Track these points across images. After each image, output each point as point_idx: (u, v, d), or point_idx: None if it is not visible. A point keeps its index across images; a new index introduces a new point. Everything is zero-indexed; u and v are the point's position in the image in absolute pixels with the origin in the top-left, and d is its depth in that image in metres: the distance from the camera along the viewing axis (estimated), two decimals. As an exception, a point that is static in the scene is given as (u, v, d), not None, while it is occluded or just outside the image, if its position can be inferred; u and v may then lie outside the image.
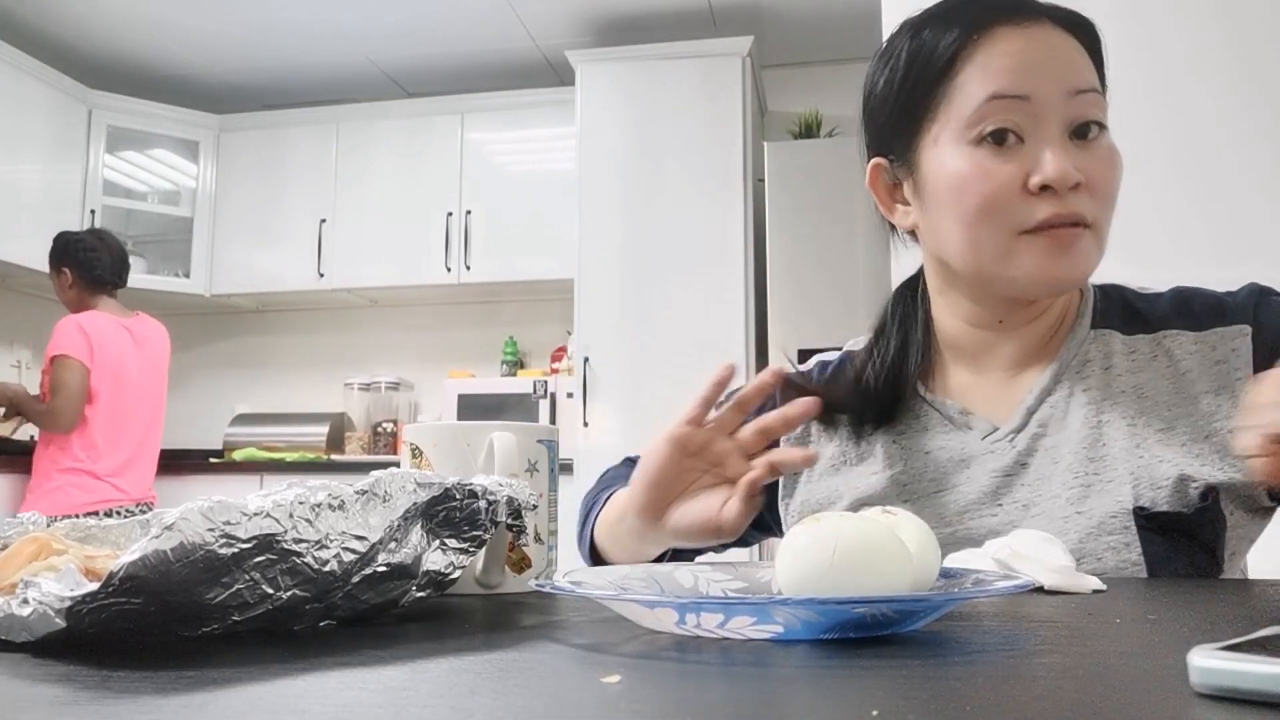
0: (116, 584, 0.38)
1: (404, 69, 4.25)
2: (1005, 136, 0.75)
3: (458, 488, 0.52)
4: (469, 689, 0.33)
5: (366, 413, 4.18)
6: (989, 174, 0.75)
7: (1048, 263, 0.75)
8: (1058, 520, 0.76)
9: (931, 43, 0.79)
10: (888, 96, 0.83)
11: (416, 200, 4.05)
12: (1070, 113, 0.75)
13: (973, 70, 0.77)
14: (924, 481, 0.83)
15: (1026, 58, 0.75)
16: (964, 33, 0.78)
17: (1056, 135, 0.75)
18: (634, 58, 3.64)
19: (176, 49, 4.05)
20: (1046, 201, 0.74)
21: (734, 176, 3.50)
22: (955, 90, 0.77)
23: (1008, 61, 0.75)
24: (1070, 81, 0.75)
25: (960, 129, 0.77)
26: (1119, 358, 0.81)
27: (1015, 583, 0.46)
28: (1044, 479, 0.79)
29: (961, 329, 0.86)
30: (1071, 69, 0.76)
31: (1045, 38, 0.77)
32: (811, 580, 0.44)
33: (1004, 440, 0.81)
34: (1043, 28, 0.77)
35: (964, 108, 0.76)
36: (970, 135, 0.76)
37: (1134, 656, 0.38)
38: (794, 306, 3.27)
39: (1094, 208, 0.75)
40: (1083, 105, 0.75)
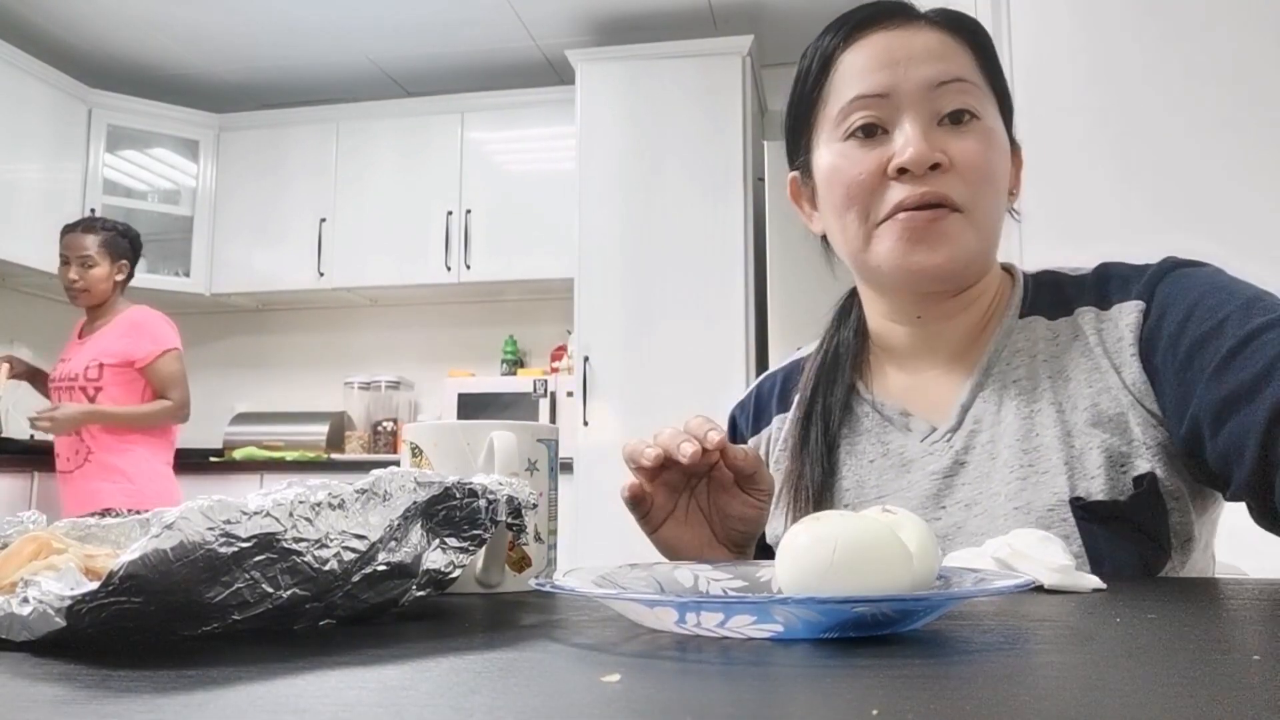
0: (116, 583, 0.38)
1: (404, 69, 4.25)
2: (873, 130, 0.78)
3: (458, 487, 0.52)
4: (469, 689, 0.33)
5: (366, 412, 4.19)
6: (853, 162, 0.78)
7: (903, 248, 0.77)
8: (999, 518, 0.76)
9: (812, 53, 0.84)
10: (788, 108, 0.87)
11: (416, 200, 4.05)
12: (935, 104, 0.77)
13: (841, 74, 0.81)
14: (867, 489, 0.84)
15: (889, 57, 0.78)
16: (835, 40, 0.82)
17: (920, 121, 0.76)
18: (634, 57, 3.64)
19: (176, 49, 4.05)
20: (905, 186, 0.76)
21: (734, 176, 3.50)
22: (830, 94, 0.81)
23: (870, 62, 0.79)
24: (932, 75, 0.77)
25: (832, 129, 0.80)
26: (1043, 343, 0.81)
27: (1015, 583, 0.45)
28: (984, 476, 0.78)
29: (885, 326, 0.87)
30: (935, 63, 0.78)
31: (911, 37, 0.79)
32: (811, 580, 0.44)
33: (941, 441, 0.81)
34: (912, 28, 0.80)
35: (834, 109, 0.80)
36: (839, 133, 0.80)
37: (1134, 656, 0.38)
38: (794, 306, 3.27)
39: (963, 189, 0.76)
40: (948, 95, 0.77)
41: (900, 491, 0.82)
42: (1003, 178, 0.80)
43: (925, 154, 0.75)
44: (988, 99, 0.80)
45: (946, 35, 0.80)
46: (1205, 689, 0.31)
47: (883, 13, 0.81)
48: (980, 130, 0.78)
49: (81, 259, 2.81)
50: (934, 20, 0.81)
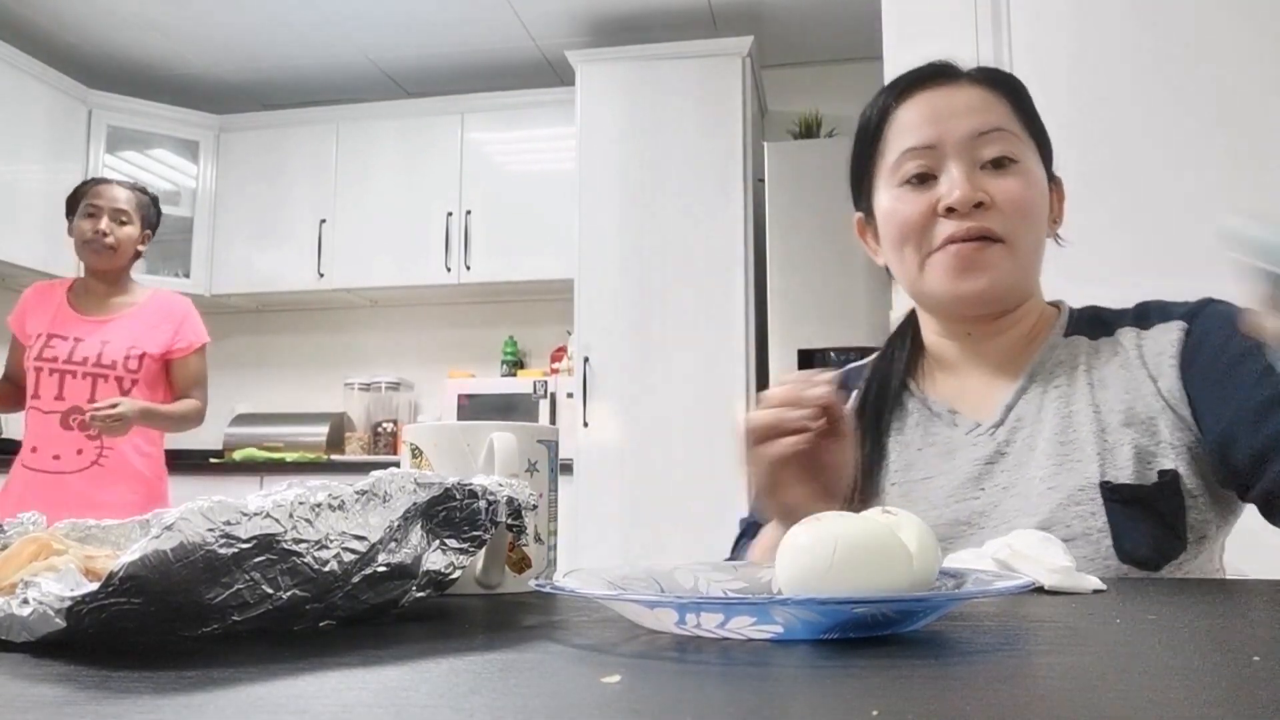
0: (116, 584, 0.38)
1: (404, 69, 4.25)
2: (924, 177, 0.90)
3: (458, 488, 0.52)
4: (469, 689, 0.33)
5: (366, 413, 4.18)
6: (907, 204, 0.90)
7: (953, 278, 0.88)
8: (1033, 497, 0.85)
9: (870, 110, 0.97)
10: (851, 159, 1.00)
11: (416, 200, 4.05)
12: (977, 151, 0.89)
13: (895, 129, 0.93)
14: (914, 471, 0.93)
15: (935, 113, 0.91)
16: (889, 99, 0.95)
17: (963, 167, 0.88)
18: (634, 58, 3.64)
19: (176, 49, 4.05)
20: (952, 222, 0.87)
21: (734, 176, 3.50)
22: (886, 147, 0.94)
23: (919, 119, 0.92)
24: (973, 126, 0.89)
25: (889, 176, 0.93)
26: (1084, 356, 0.91)
27: (1015, 583, 0.46)
28: (1021, 464, 0.88)
29: (939, 342, 0.98)
30: (976, 115, 0.90)
31: (954, 94, 0.92)
32: (811, 580, 0.44)
33: (985, 434, 0.91)
34: (955, 86, 0.92)
35: (890, 159, 0.93)
36: (895, 180, 0.92)
37: (1134, 656, 0.38)
38: (794, 306, 3.27)
39: (1005, 223, 0.87)
40: (988, 143, 0.89)
41: (944, 474, 0.91)
42: (1040, 212, 0.91)
43: (969, 194, 0.86)
44: (1026, 144, 0.91)
45: (986, 90, 0.92)
46: (1205, 689, 0.31)
47: (929, 74, 0.94)
48: (1018, 172, 0.89)
49: (116, 212, 2.43)
50: (975, 77, 0.93)
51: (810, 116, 3.79)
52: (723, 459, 3.36)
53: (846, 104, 3.98)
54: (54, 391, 2.35)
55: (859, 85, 3.97)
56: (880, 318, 3.11)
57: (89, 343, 2.39)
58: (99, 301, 2.46)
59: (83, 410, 2.31)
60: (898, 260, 0.93)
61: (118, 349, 2.40)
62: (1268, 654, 0.38)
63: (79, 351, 2.38)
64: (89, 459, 2.36)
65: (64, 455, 2.35)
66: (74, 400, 2.35)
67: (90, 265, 2.44)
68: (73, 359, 2.37)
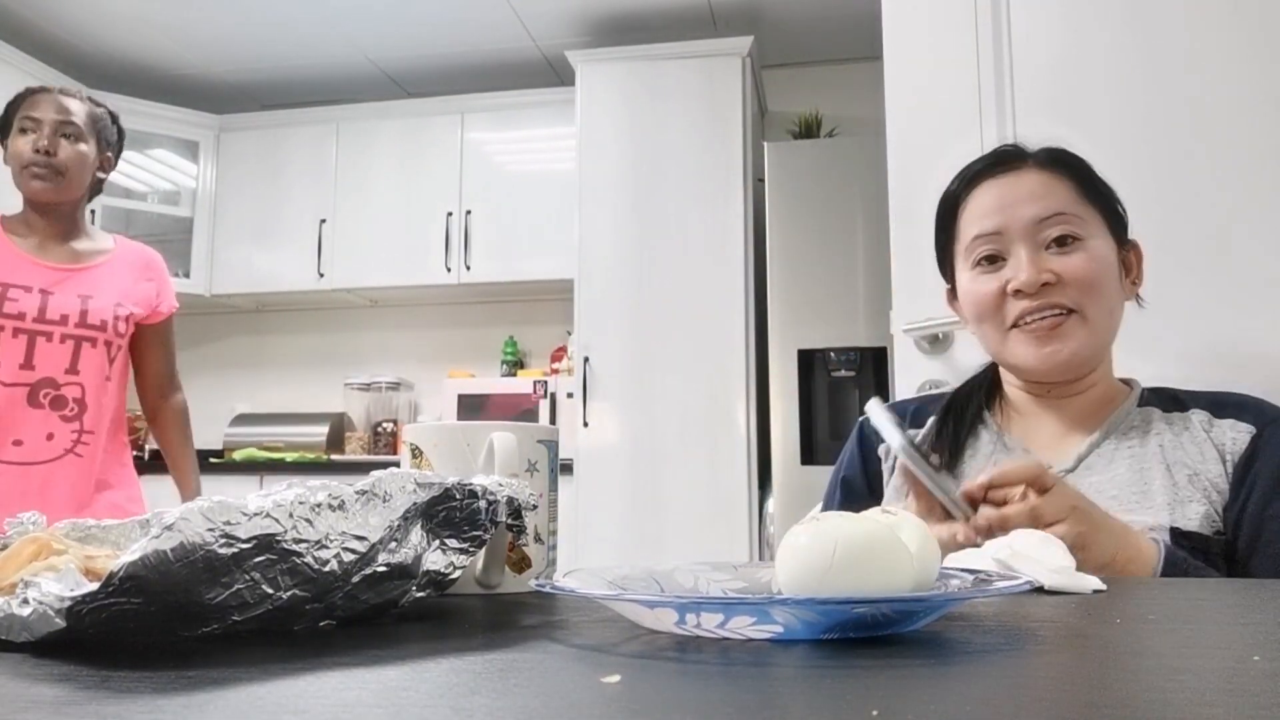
0: (116, 584, 0.38)
1: (404, 69, 4.25)
2: (994, 259, 1.00)
3: (458, 488, 0.52)
4: (469, 689, 0.33)
5: (366, 413, 4.19)
6: (981, 285, 1.00)
7: (1033, 348, 0.97)
8: None
9: (945, 197, 1.07)
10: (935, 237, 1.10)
11: (416, 200, 4.05)
12: (1040, 234, 0.97)
13: (966, 216, 1.03)
14: None
15: (1000, 202, 1.00)
16: (960, 187, 1.05)
17: (1028, 250, 0.96)
18: (634, 58, 3.64)
19: (176, 49, 4.05)
20: (1022, 301, 0.97)
21: (734, 176, 3.50)
22: (960, 231, 1.04)
23: (986, 208, 1.01)
24: (1035, 213, 0.97)
25: (964, 259, 1.03)
26: (1157, 424, 0.99)
27: (1015, 583, 0.46)
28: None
29: (1019, 395, 1.07)
30: (1038, 202, 0.98)
31: (1019, 182, 1.00)
32: (811, 580, 0.44)
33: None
34: (1021, 173, 1.01)
35: (963, 244, 1.03)
36: (969, 263, 1.02)
37: (1134, 656, 0.38)
38: (794, 306, 3.27)
39: (1073, 297, 0.96)
40: (1050, 227, 0.97)
41: None
42: (1108, 282, 0.98)
43: (1034, 276, 0.95)
44: (1090, 221, 0.98)
45: (1049, 175, 1.00)
46: (1205, 689, 0.31)
47: (996, 162, 1.03)
48: (1081, 249, 0.96)
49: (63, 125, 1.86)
50: (1039, 160, 1.01)
51: (810, 116, 3.79)
52: (723, 459, 3.36)
53: (846, 104, 3.98)
54: (18, 358, 1.78)
55: (859, 85, 3.99)
56: (880, 318, 3.11)
57: (63, 297, 1.83)
58: (59, 246, 1.88)
59: (59, 384, 1.80)
60: (978, 332, 1.03)
61: (104, 305, 1.87)
62: (1268, 654, 0.38)
63: (54, 307, 1.81)
64: (62, 446, 1.82)
65: (29, 441, 1.79)
66: (48, 370, 1.81)
67: (34, 196, 1.85)
68: (46, 317, 1.80)
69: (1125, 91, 1.71)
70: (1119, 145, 1.68)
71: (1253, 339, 1.51)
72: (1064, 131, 1.07)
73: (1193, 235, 1.60)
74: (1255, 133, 1.60)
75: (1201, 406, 0.99)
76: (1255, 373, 1.43)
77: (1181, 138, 1.66)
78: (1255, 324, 1.52)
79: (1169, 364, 1.21)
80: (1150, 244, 1.09)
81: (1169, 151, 1.66)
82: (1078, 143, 1.07)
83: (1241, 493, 0.93)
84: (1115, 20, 1.75)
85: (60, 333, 1.82)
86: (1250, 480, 0.93)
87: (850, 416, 3.18)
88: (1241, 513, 0.92)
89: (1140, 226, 1.07)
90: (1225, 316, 1.55)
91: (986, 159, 1.04)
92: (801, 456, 3.20)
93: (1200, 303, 1.56)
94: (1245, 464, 0.93)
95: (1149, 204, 1.64)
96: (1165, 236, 1.60)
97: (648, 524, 3.36)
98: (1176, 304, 1.54)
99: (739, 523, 3.32)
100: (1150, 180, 1.65)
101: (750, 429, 3.37)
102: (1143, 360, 1.14)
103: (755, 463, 3.36)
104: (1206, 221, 1.60)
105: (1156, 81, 1.69)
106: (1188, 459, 0.95)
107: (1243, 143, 1.61)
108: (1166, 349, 1.45)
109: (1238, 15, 1.65)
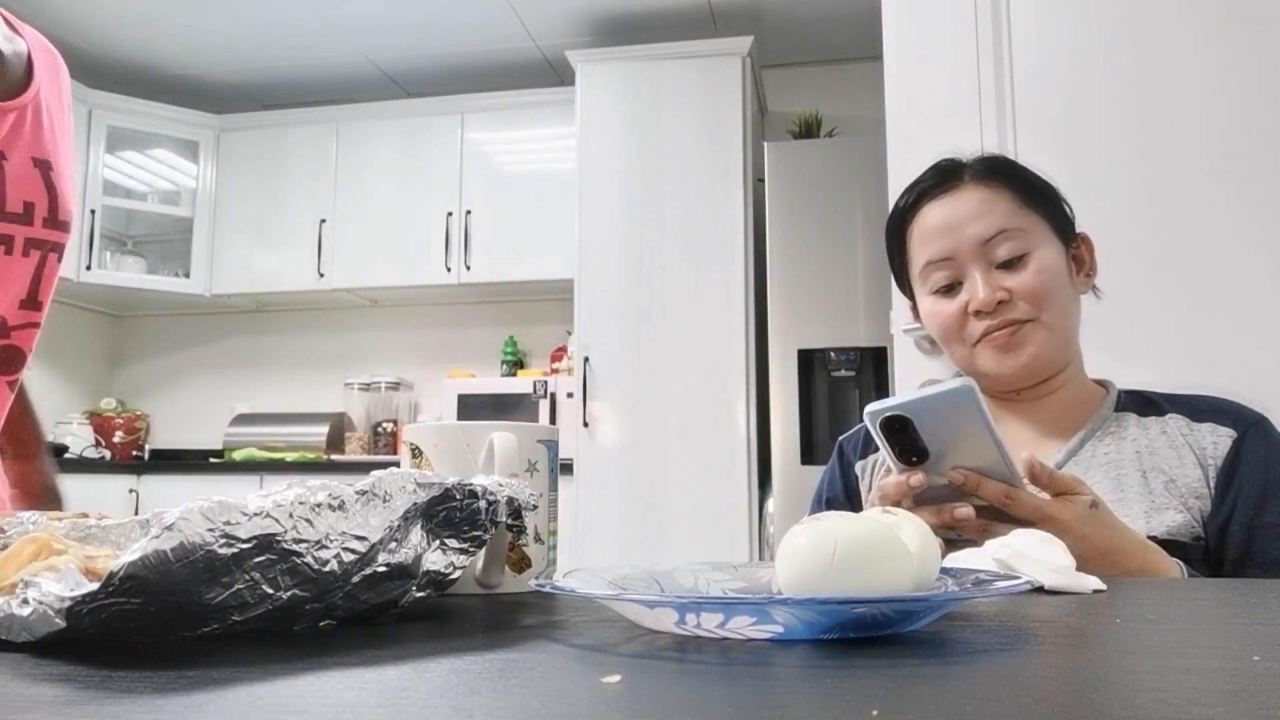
0: (116, 584, 0.38)
1: (404, 69, 4.25)
2: (950, 287, 1.01)
3: (458, 488, 0.52)
4: (469, 689, 0.33)
5: (366, 413, 4.19)
6: (941, 309, 1.02)
7: (999, 358, 1.00)
8: None
9: (891, 220, 1.09)
10: (887, 256, 1.12)
11: (416, 200, 4.05)
12: (989, 254, 0.99)
13: (915, 239, 1.05)
14: None
15: (944, 224, 1.01)
16: (903, 211, 1.07)
17: (981, 272, 0.98)
18: (634, 58, 3.64)
19: (176, 49, 4.05)
20: (982, 320, 0.99)
21: (734, 176, 3.50)
22: (911, 254, 1.06)
23: (932, 230, 1.02)
24: (980, 232, 0.99)
25: (920, 284, 1.05)
26: (1133, 429, 1.00)
27: (1015, 583, 0.46)
28: None
29: (993, 404, 1.04)
30: (981, 221, 0.99)
31: (960, 201, 1.01)
32: (811, 580, 0.44)
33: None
34: (959, 191, 1.02)
35: (916, 270, 1.05)
36: (926, 288, 1.04)
37: (1134, 656, 0.38)
38: (794, 306, 3.27)
39: (1028, 309, 0.98)
40: (997, 246, 0.99)
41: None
42: (1060, 287, 0.99)
43: (989, 297, 0.97)
44: (1034, 228, 1.00)
45: (985, 189, 1.01)
46: (1205, 689, 0.31)
47: (936, 180, 1.04)
48: (1029, 263, 0.98)
49: None
50: (976, 173, 1.02)
51: (810, 116, 3.79)
52: (722, 459, 3.36)
53: (846, 104, 3.98)
54: None
55: (859, 85, 3.99)
56: (880, 318, 3.11)
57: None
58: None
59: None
60: (948, 351, 1.05)
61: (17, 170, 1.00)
62: (1268, 654, 0.38)
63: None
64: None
65: None
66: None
67: None
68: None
69: (1122, 92, 1.71)
70: (1116, 145, 1.68)
71: (1231, 343, 1.52)
72: (1061, 131, 1.07)
73: (1182, 238, 1.60)
74: (1251, 138, 1.60)
75: (1179, 410, 1.00)
76: (1234, 376, 1.43)
77: (1178, 139, 1.66)
78: (1232, 327, 1.53)
79: (1147, 368, 1.21)
80: (1136, 245, 1.10)
81: (1168, 151, 1.66)
82: (1073, 144, 1.07)
83: (1227, 500, 0.93)
84: (1114, 21, 1.75)
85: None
86: (1235, 487, 0.93)
87: (850, 416, 3.18)
88: (1229, 521, 0.92)
89: (1128, 227, 1.07)
90: (1202, 319, 1.55)
91: (927, 176, 1.05)
92: (801, 456, 3.20)
93: (1178, 305, 1.56)
94: (1228, 470, 0.94)
95: (1140, 203, 1.64)
96: (1153, 238, 1.60)
97: (648, 524, 3.36)
98: (1157, 306, 1.54)
99: (739, 523, 3.32)
100: (1143, 181, 1.65)
101: (750, 429, 3.37)
102: (1121, 364, 1.14)
103: (755, 463, 3.36)
104: (1195, 224, 1.60)
105: (1152, 84, 1.69)
106: (1164, 464, 0.95)
107: (1238, 147, 1.61)
108: (1144, 352, 1.46)
109: (1234, 20, 1.65)
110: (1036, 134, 1.75)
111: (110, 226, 4.20)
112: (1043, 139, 1.73)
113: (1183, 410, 1.00)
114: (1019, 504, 0.78)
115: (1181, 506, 0.93)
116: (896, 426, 0.78)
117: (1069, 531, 0.76)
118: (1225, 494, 0.93)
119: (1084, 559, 0.76)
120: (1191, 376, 1.17)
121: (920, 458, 0.80)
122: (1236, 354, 1.50)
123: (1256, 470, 0.93)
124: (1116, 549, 0.80)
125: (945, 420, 0.78)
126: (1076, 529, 0.77)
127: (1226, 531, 0.92)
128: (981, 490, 0.78)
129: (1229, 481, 0.93)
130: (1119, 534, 0.81)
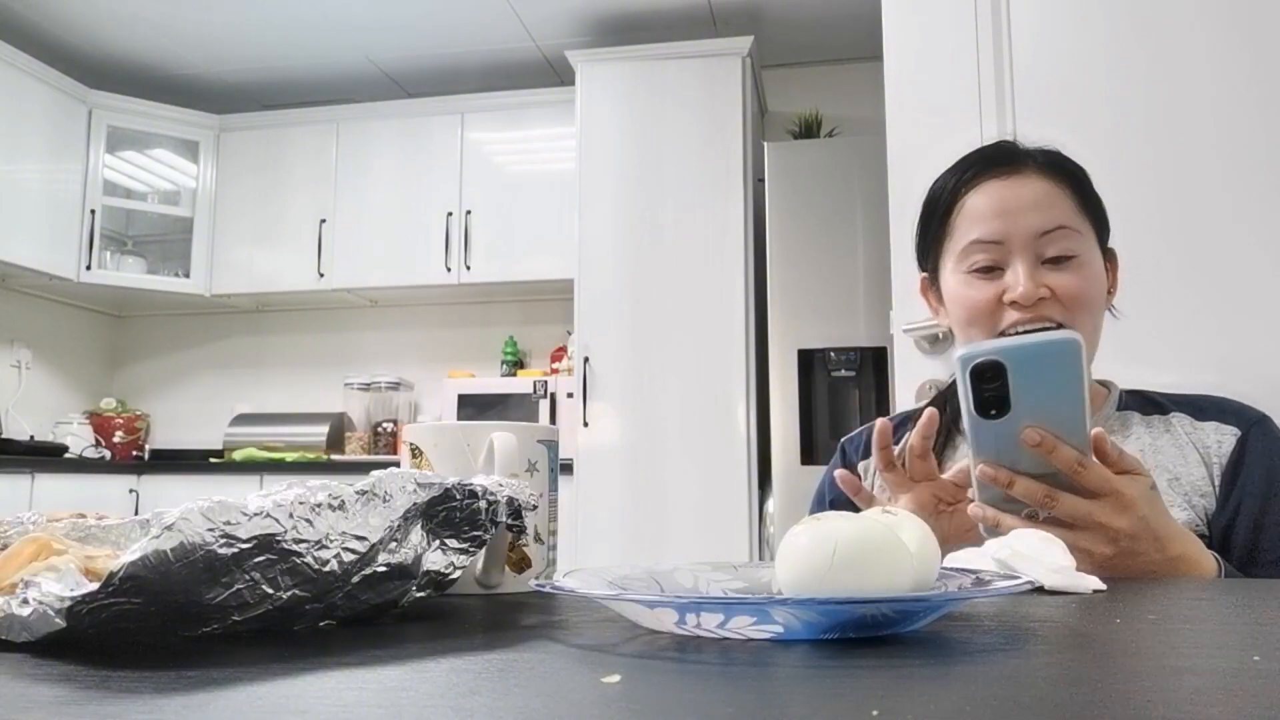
0: (116, 584, 0.38)
1: (404, 69, 4.25)
2: (990, 269, 0.97)
3: (458, 488, 0.52)
4: (469, 689, 0.33)
5: (366, 413, 4.19)
6: (975, 291, 0.97)
7: None
8: None
9: (939, 188, 1.03)
10: (918, 225, 1.06)
11: (416, 200, 4.05)
12: (1040, 248, 0.95)
13: (962, 217, 1.00)
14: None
15: (1003, 207, 0.97)
16: (958, 183, 1.00)
17: (1027, 264, 0.95)
18: (634, 58, 3.64)
19: (176, 49, 4.05)
20: (1015, 311, 0.95)
21: (734, 176, 3.51)
22: (954, 229, 1.00)
23: (986, 211, 0.97)
24: (1038, 224, 0.95)
25: (957, 261, 0.99)
26: (1136, 427, 0.99)
27: (1015, 583, 0.46)
28: None
29: None
30: (1040, 213, 0.96)
31: (1022, 186, 0.97)
32: (811, 580, 0.44)
33: None
34: (1023, 176, 0.98)
35: (957, 246, 0.99)
36: (963, 266, 0.99)
37: (1134, 656, 0.38)
38: (794, 306, 3.28)
39: (1064, 313, 0.94)
40: (1051, 242, 0.95)
41: None
42: (1097, 300, 0.97)
43: (1032, 292, 0.93)
44: (1086, 233, 0.97)
45: (1050, 182, 0.97)
46: (1205, 689, 0.31)
47: (997, 159, 0.99)
48: (1078, 266, 0.95)
49: None
50: (1039, 163, 0.99)
51: (810, 116, 3.79)
52: (723, 459, 3.36)
53: (846, 104, 3.98)
54: None
55: (859, 85, 3.99)
56: (880, 318, 3.11)
57: None
58: None
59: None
60: (963, 335, 1.01)
61: None
62: (1268, 654, 0.38)
63: None
64: None
65: None
66: None
67: None
68: None
69: (1124, 92, 1.71)
70: (1117, 146, 1.68)
71: (1239, 345, 1.52)
72: (1062, 132, 1.07)
73: (1186, 237, 1.60)
74: (1255, 136, 1.60)
75: (1182, 409, 0.99)
76: (1243, 378, 1.43)
77: (1180, 140, 1.66)
78: (1241, 330, 1.52)
79: (1151, 369, 1.21)
80: (1141, 246, 1.10)
81: (1173, 156, 1.66)
82: (1075, 144, 1.07)
83: (1232, 498, 0.93)
84: (1115, 20, 1.75)
85: None
86: (1240, 485, 0.93)
87: (850, 416, 3.19)
88: (1234, 519, 0.92)
89: (1131, 229, 1.07)
90: (1210, 321, 1.55)
91: (985, 154, 1.01)
92: (801, 456, 3.20)
93: (1184, 307, 1.56)
94: (1233, 468, 0.94)
95: (1143, 206, 1.64)
96: (1158, 239, 1.60)
97: (648, 524, 3.37)
98: (1162, 308, 1.54)
99: (739, 523, 3.32)
100: (1147, 184, 1.65)
101: (750, 429, 3.37)
102: (1124, 365, 1.14)
103: (755, 463, 3.36)
104: (1200, 224, 1.60)
105: (1155, 83, 1.69)
106: (1168, 463, 0.95)
107: (1243, 146, 1.61)
108: (1147, 352, 1.46)
109: (1237, 16, 1.65)
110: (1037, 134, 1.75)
111: (110, 226, 4.20)
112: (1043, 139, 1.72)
113: (1185, 409, 0.99)
114: (1090, 474, 0.74)
115: (1186, 505, 0.92)
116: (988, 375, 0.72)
117: (1132, 509, 0.74)
118: (1230, 492, 0.93)
119: (1139, 539, 0.75)
120: (1202, 377, 1.17)
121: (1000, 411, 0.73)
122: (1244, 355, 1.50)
123: (1261, 468, 0.93)
124: (1168, 533, 0.78)
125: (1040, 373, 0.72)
126: (1140, 508, 0.75)
127: (1231, 530, 0.92)
128: (1055, 454, 0.73)
129: (1234, 479, 0.93)
130: (1170, 519, 0.80)
